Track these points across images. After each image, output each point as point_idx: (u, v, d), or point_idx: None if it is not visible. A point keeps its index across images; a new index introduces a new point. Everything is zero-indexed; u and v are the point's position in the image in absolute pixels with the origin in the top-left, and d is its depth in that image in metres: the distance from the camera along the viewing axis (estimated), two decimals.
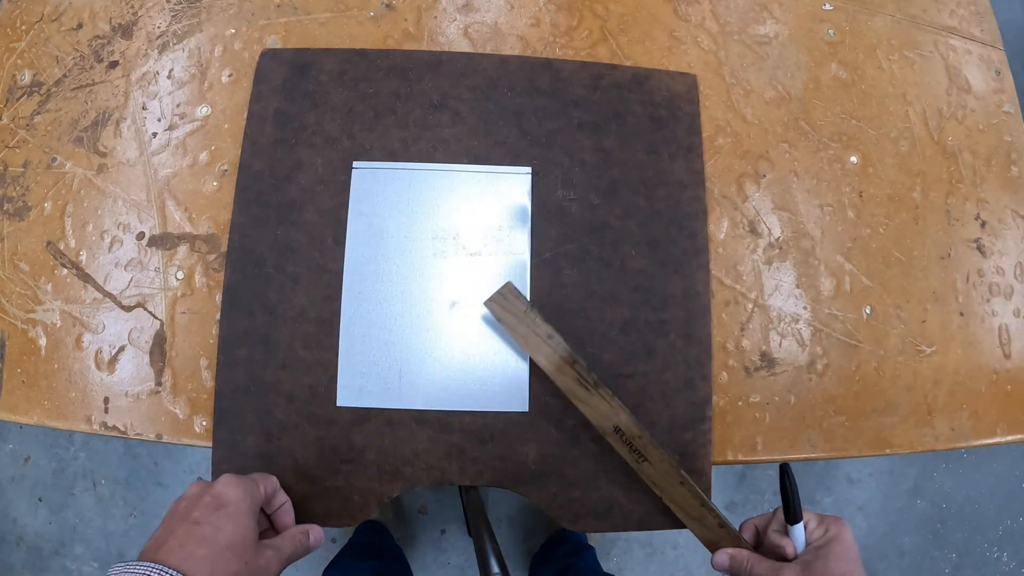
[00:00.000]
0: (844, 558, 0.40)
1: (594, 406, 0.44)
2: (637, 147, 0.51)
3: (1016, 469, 1.30)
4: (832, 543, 0.41)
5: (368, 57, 0.52)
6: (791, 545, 0.42)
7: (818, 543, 0.42)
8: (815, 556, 0.41)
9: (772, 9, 0.57)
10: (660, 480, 0.44)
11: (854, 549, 0.41)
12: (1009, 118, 0.57)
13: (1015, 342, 0.52)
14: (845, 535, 0.41)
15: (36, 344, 0.47)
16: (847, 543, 0.41)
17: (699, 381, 0.47)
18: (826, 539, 0.41)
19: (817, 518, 0.43)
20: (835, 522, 0.42)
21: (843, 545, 0.40)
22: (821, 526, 0.43)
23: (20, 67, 0.54)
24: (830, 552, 0.40)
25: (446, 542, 1.16)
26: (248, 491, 0.38)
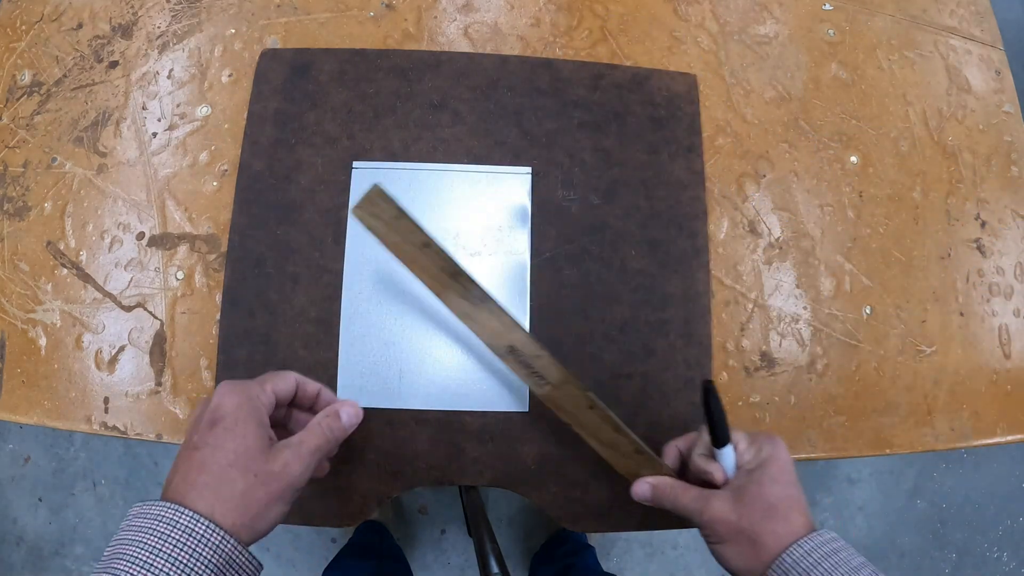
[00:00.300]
0: (779, 480, 0.36)
1: (483, 323, 0.39)
2: (637, 147, 0.51)
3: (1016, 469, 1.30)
4: (766, 464, 0.37)
5: (368, 57, 0.52)
6: (719, 470, 0.38)
7: (750, 466, 0.37)
8: (747, 480, 0.37)
9: (772, 9, 0.57)
10: (566, 404, 0.40)
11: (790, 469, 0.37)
12: (1009, 118, 0.57)
13: (1015, 342, 0.52)
14: (780, 454, 0.37)
15: (36, 344, 0.47)
16: (782, 463, 0.37)
17: (699, 381, 0.47)
18: (759, 460, 0.37)
19: (748, 437, 0.39)
20: (768, 440, 0.38)
21: (778, 466, 0.37)
22: (753, 446, 0.38)
23: (20, 67, 0.54)
24: (764, 475, 0.36)
25: (446, 542, 1.16)
26: (248, 397, 0.34)
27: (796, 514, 0.35)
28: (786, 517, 0.35)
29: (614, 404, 0.47)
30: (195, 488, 0.31)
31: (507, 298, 0.48)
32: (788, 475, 0.37)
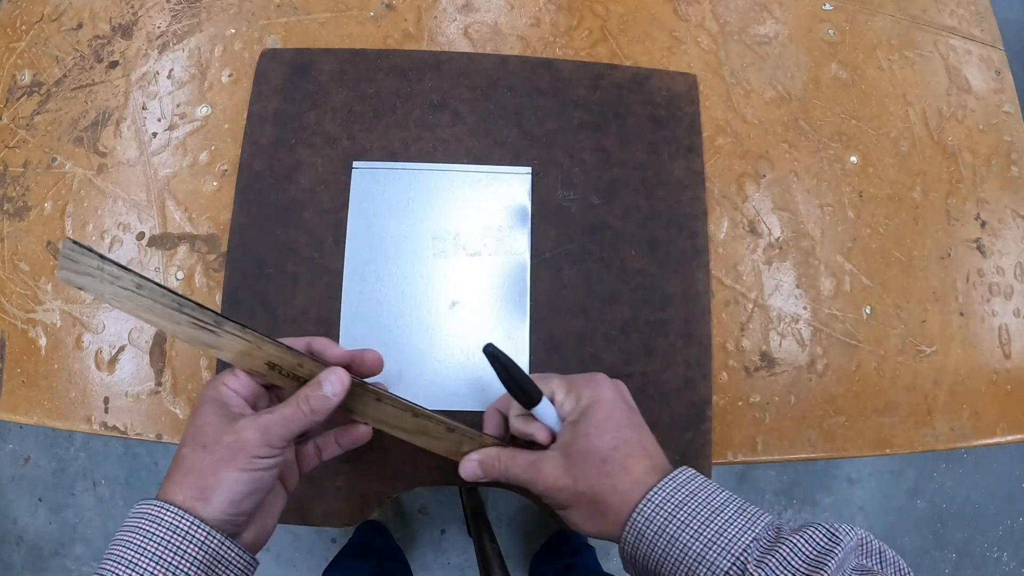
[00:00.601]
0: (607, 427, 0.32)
1: (229, 347, 0.34)
2: (637, 147, 0.51)
3: (1016, 469, 1.30)
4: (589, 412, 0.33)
5: (368, 57, 0.52)
6: (541, 429, 0.34)
7: (572, 416, 0.33)
8: (573, 434, 0.32)
9: (772, 9, 0.57)
10: (355, 404, 0.36)
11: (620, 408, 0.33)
12: (1009, 118, 0.57)
13: (1015, 342, 0.52)
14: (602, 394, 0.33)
15: (36, 344, 0.47)
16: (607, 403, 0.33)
17: (699, 381, 0.47)
18: (580, 409, 0.33)
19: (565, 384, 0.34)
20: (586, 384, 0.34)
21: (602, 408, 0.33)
22: (572, 394, 0.34)
23: (20, 67, 0.54)
24: (588, 424, 0.32)
25: (446, 542, 1.16)
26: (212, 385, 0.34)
27: (636, 461, 0.31)
28: (624, 467, 0.31)
29: None
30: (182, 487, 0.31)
31: (507, 298, 0.48)
32: (618, 415, 0.32)
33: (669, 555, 0.29)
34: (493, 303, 0.48)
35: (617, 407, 0.33)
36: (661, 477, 0.31)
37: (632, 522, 0.30)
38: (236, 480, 0.31)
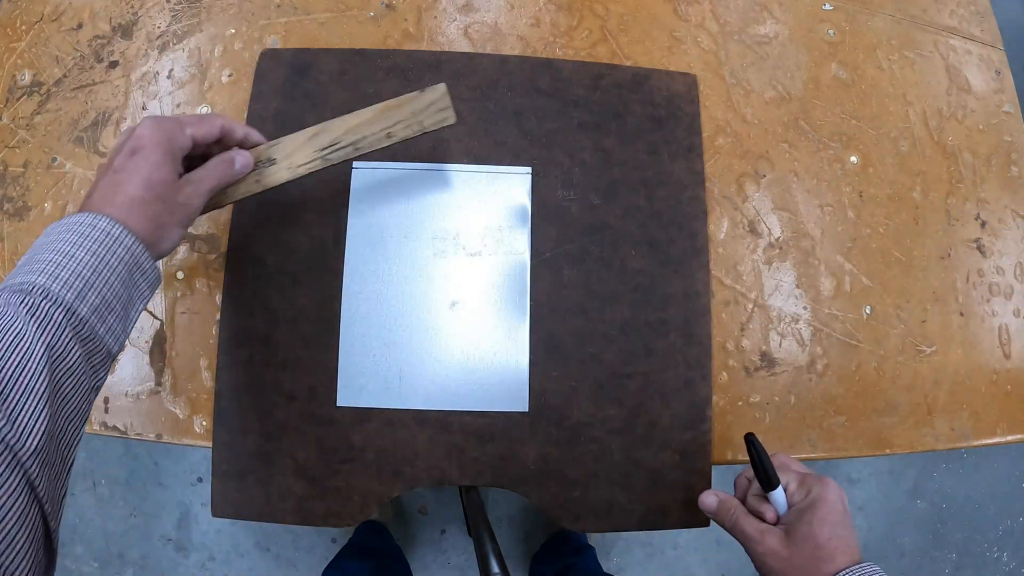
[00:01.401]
0: (827, 521, 0.38)
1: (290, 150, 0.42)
2: (637, 147, 0.51)
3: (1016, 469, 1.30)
4: (815, 505, 0.39)
5: (368, 57, 0.52)
6: (771, 510, 0.41)
7: (800, 505, 0.40)
8: (798, 519, 0.39)
9: (772, 9, 0.57)
10: None
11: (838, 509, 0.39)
12: (1009, 118, 0.57)
13: (1015, 342, 0.52)
14: (829, 494, 0.39)
15: None
16: (830, 503, 0.39)
17: (699, 381, 0.47)
18: (808, 502, 0.39)
19: (798, 478, 0.41)
20: (817, 481, 0.40)
21: (826, 506, 0.39)
22: (803, 487, 0.41)
23: (20, 67, 0.54)
24: (814, 516, 0.38)
25: (446, 542, 1.16)
26: (166, 133, 0.38)
27: (842, 555, 0.37)
28: (832, 557, 0.37)
29: (615, 404, 0.47)
30: (112, 204, 0.35)
31: (507, 298, 0.48)
32: (836, 515, 0.38)
33: None
34: (493, 303, 0.48)
35: (838, 506, 0.39)
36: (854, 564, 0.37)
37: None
38: (179, 236, 0.39)
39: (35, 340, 0.30)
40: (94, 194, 0.36)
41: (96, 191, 0.36)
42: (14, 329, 0.30)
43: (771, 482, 0.40)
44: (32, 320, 0.30)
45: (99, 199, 0.36)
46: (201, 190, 0.39)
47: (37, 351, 0.30)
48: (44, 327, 0.31)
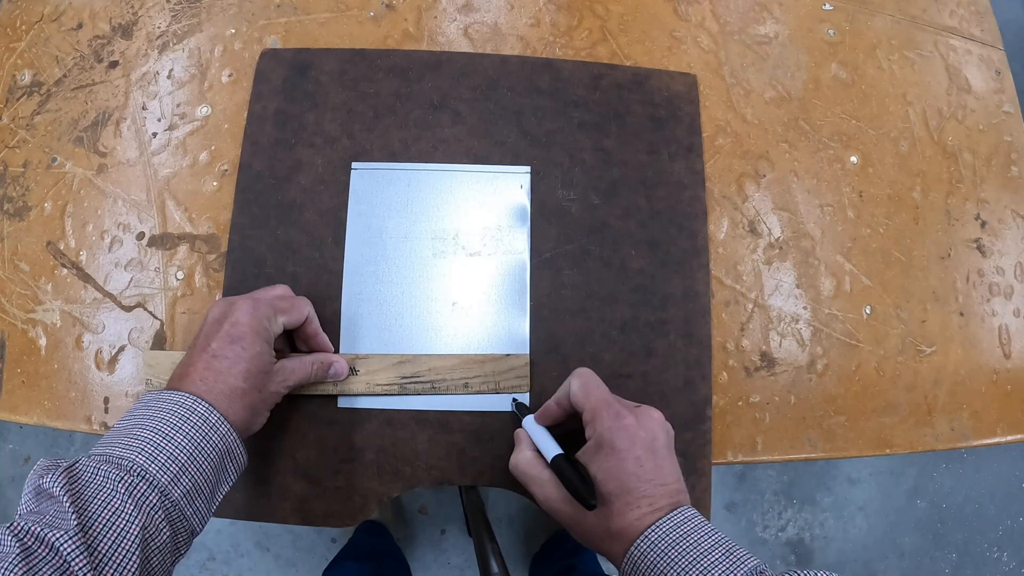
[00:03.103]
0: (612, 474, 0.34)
1: None
2: (637, 147, 0.51)
3: (1016, 469, 1.30)
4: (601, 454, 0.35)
5: (368, 57, 0.52)
6: None
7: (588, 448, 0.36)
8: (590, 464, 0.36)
9: (772, 9, 0.57)
10: None
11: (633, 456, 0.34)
12: (1009, 118, 0.57)
13: (1015, 342, 0.52)
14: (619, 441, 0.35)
15: (36, 344, 0.47)
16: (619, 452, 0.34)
17: (699, 381, 0.47)
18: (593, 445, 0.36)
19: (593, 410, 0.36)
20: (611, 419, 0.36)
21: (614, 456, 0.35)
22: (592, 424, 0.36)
23: (20, 67, 0.54)
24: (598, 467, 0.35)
25: (446, 542, 1.16)
26: (262, 321, 0.39)
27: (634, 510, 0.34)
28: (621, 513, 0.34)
29: None
30: (213, 392, 0.37)
31: (507, 298, 0.48)
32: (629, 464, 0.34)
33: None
34: (493, 303, 0.48)
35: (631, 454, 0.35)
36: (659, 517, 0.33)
37: (629, 556, 0.33)
38: (263, 418, 0.40)
39: (133, 521, 0.31)
40: (192, 373, 0.37)
41: (194, 370, 0.37)
42: (114, 507, 0.31)
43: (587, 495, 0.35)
44: (131, 500, 0.31)
45: (199, 382, 0.37)
46: (291, 382, 0.41)
47: (134, 531, 0.31)
48: (141, 508, 0.32)
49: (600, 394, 0.38)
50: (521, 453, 0.39)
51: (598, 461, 0.35)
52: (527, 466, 0.39)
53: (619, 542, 0.34)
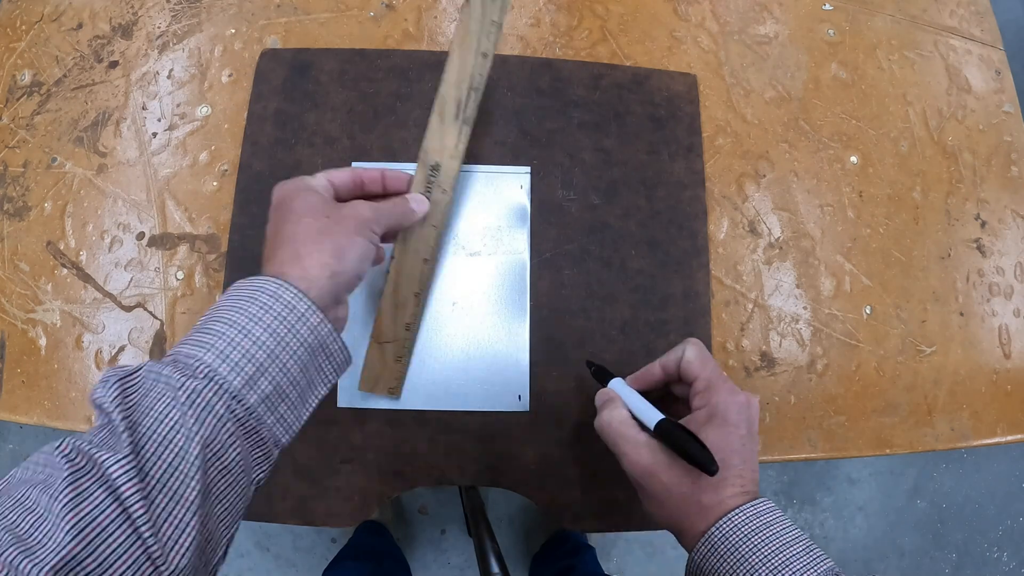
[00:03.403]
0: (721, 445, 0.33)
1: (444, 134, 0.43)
2: (637, 147, 0.51)
3: (1016, 469, 1.30)
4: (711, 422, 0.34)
5: (368, 57, 0.52)
6: None
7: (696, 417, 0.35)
8: None
9: (772, 9, 0.57)
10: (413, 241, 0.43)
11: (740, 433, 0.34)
12: (1009, 118, 0.57)
13: (1015, 342, 0.52)
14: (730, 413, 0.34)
15: (36, 344, 0.47)
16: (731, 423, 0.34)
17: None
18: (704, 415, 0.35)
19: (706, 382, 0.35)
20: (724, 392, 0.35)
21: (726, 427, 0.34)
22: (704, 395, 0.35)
23: (20, 67, 0.54)
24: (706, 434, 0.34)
25: (446, 542, 1.16)
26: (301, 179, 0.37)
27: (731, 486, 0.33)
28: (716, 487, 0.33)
29: None
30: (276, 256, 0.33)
31: (507, 298, 0.48)
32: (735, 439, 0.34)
33: (736, 572, 0.31)
34: (493, 303, 0.48)
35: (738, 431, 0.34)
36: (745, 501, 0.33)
37: (709, 535, 0.32)
38: (362, 245, 0.35)
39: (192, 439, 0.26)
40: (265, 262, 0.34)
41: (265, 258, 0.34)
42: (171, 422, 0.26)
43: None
44: (192, 412, 0.27)
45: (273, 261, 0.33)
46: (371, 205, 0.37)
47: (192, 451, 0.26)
48: (203, 421, 0.27)
49: (716, 366, 0.37)
50: (616, 411, 0.36)
51: (707, 431, 0.34)
52: (622, 425, 0.36)
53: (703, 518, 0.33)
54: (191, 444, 0.26)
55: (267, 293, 0.30)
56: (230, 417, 0.28)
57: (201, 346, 0.29)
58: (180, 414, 0.27)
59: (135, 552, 0.24)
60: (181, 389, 0.27)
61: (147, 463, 0.25)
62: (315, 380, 0.32)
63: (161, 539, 0.25)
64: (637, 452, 0.34)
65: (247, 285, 0.31)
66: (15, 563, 0.22)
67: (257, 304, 0.30)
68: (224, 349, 0.28)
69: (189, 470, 0.26)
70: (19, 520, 0.23)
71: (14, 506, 0.24)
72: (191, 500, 0.26)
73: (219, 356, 0.28)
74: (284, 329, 0.30)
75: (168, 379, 0.27)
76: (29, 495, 0.24)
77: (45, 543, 0.22)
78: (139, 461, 0.25)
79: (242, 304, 0.30)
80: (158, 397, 0.27)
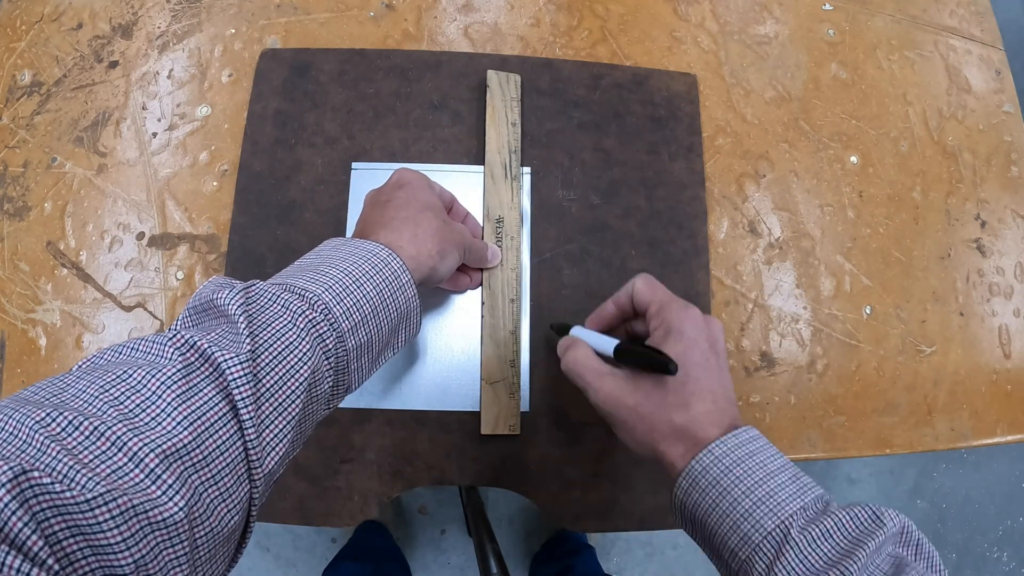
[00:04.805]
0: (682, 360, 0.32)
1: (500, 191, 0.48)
2: (637, 147, 0.51)
3: (1016, 469, 1.30)
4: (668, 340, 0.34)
5: (368, 57, 0.52)
6: None
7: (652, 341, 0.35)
8: None
9: (772, 9, 0.57)
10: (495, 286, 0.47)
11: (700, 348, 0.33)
12: (1009, 118, 0.57)
13: (1015, 342, 0.52)
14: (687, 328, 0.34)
15: (36, 344, 0.47)
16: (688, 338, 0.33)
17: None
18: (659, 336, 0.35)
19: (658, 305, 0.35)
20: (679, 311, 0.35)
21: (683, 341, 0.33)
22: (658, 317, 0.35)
23: (20, 67, 0.54)
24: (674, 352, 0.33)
25: (446, 542, 1.16)
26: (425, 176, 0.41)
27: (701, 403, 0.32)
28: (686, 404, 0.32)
29: None
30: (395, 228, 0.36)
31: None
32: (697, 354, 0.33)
33: (718, 506, 0.30)
34: None
35: (698, 345, 0.33)
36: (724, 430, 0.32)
37: (689, 468, 0.31)
38: (456, 259, 0.39)
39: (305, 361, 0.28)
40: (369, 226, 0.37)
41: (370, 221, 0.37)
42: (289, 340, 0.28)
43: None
44: (308, 338, 0.29)
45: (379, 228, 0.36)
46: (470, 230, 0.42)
47: (303, 372, 0.28)
48: (316, 349, 0.29)
49: (666, 291, 0.37)
50: (579, 350, 0.36)
51: (667, 346, 0.34)
52: (587, 359, 0.36)
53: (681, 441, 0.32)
54: (303, 365, 0.28)
55: (379, 257, 0.33)
56: (332, 353, 0.30)
57: (318, 284, 0.31)
58: (297, 337, 0.28)
59: (236, 450, 0.25)
60: (301, 316, 0.29)
61: (261, 371, 0.27)
62: (392, 342, 0.35)
63: (260, 443, 0.26)
64: (601, 381, 0.34)
65: (356, 245, 0.34)
66: (124, 439, 0.22)
67: (369, 264, 0.33)
68: (340, 293, 0.31)
69: (297, 388, 0.28)
70: (124, 398, 0.23)
71: (117, 382, 0.24)
72: (293, 415, 0.28)
73: (335, 298, 0.31)
74: (388, 292, 0.33)
75: (287, 303, 0.29)
76: (134, 376, 0.24)
77: (154, 427, 0.23)
78: (255, 368, 0.26)
79: (355, 260, 0.33)
80: (276, 315, 0.29)
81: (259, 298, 0.29)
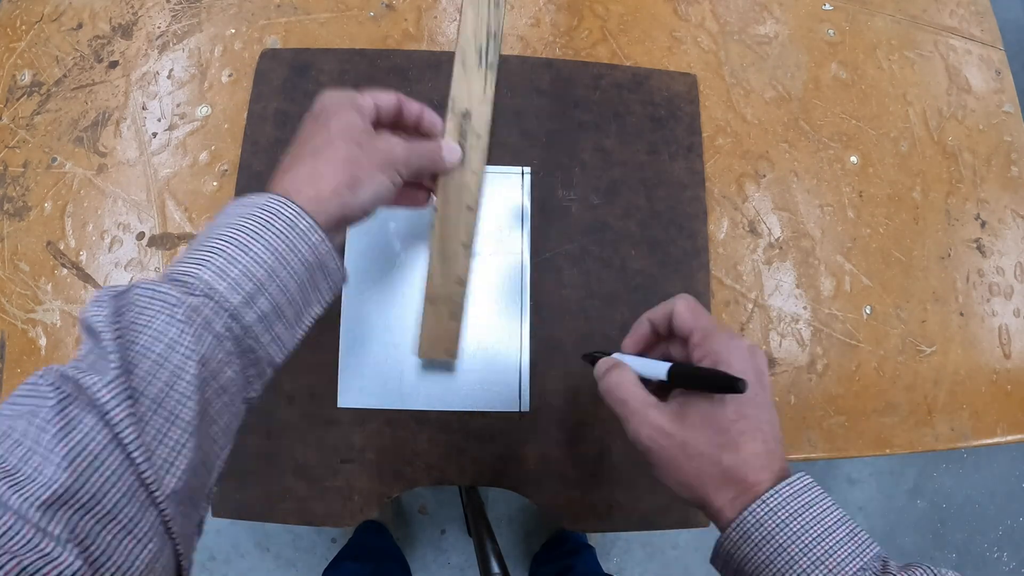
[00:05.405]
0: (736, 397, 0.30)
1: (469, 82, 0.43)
2: (637, 147, 0.51)
3: (1016, 469, 1.30)
4: None
5: (368, 57, 0.52)
6: None
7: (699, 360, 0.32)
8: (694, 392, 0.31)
9: (772, 9, 0.57)
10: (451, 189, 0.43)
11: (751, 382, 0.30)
12: (1009, 118, 0.57)
13: (1015, 342, 0.52)
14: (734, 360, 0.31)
15: (36, 344, 0.47)
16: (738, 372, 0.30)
17: None
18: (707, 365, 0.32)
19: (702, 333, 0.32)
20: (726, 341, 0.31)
21: None
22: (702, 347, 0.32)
23: (20, 67, 0.54)
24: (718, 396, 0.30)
25: (446, 542, 1.16)
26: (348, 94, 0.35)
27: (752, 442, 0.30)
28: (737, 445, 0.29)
29: None
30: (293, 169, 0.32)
31: (507, 298, 0.48)
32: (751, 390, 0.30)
33: (773, 563, 0.28)
34: (493, 303, 0.47)
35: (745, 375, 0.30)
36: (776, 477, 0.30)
37: (742, 520, 0.29)
38: (381, 183, 0.34)
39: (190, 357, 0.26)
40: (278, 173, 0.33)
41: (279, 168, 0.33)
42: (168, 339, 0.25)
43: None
44: (190, 330, 0.26)
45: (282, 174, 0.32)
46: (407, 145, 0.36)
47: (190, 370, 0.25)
48: (201, 339, 0.26)
49: (711, 317, 0.34)
50: (624, 372, 0.33)
51: None
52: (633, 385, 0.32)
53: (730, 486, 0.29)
54: (188, 362, 0.25)
55: (266, 210, 0.30)
56: (228, 335, 0.27)
57: (199, 263, 0.28)
58: (178, 332, 0.26)
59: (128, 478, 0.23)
60: (178, 306, 0.26)
61: (140, 382, 0.24)
62: (311, 299, 0.31)
63: (154, 463, 0.24)
64: (646, 412, 0.31)
65: (245, 203, 0.30)
66: (6, 498, 0.20)
67: (256, 220, 0.29)
68: (222, 266, 0.28)
69: (186, 389, 0.25)
70: (8, 455, 0.22)
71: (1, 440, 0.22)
72: (187, 420, 0.25)
73: (217, 273, 0.28)
74: (284, 246, 0.29)
75: (165, 296, 0.26)
76: (15, 427, 0.22)
77: (35, 477, 0.21)
78: (130, 381, 0.24)
79: (240, 221, 0.29)
80: (154, 315, 0.26)
81: (138, 299, 0.26)
